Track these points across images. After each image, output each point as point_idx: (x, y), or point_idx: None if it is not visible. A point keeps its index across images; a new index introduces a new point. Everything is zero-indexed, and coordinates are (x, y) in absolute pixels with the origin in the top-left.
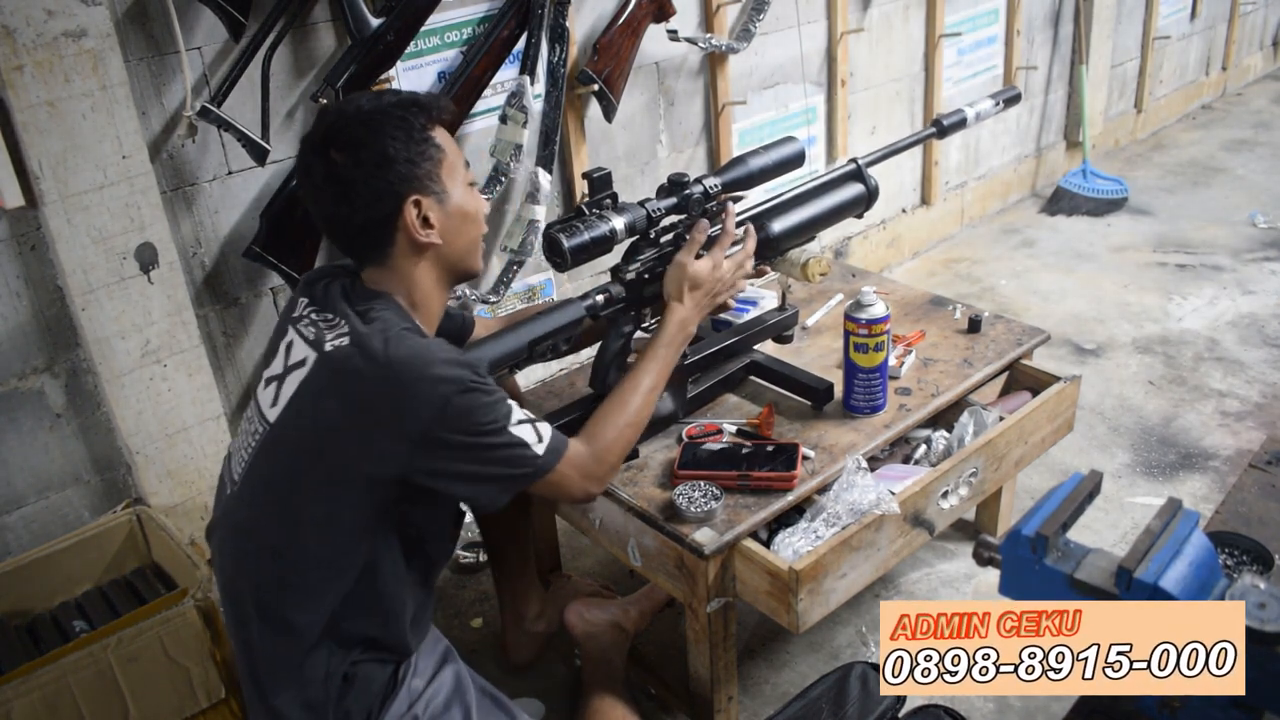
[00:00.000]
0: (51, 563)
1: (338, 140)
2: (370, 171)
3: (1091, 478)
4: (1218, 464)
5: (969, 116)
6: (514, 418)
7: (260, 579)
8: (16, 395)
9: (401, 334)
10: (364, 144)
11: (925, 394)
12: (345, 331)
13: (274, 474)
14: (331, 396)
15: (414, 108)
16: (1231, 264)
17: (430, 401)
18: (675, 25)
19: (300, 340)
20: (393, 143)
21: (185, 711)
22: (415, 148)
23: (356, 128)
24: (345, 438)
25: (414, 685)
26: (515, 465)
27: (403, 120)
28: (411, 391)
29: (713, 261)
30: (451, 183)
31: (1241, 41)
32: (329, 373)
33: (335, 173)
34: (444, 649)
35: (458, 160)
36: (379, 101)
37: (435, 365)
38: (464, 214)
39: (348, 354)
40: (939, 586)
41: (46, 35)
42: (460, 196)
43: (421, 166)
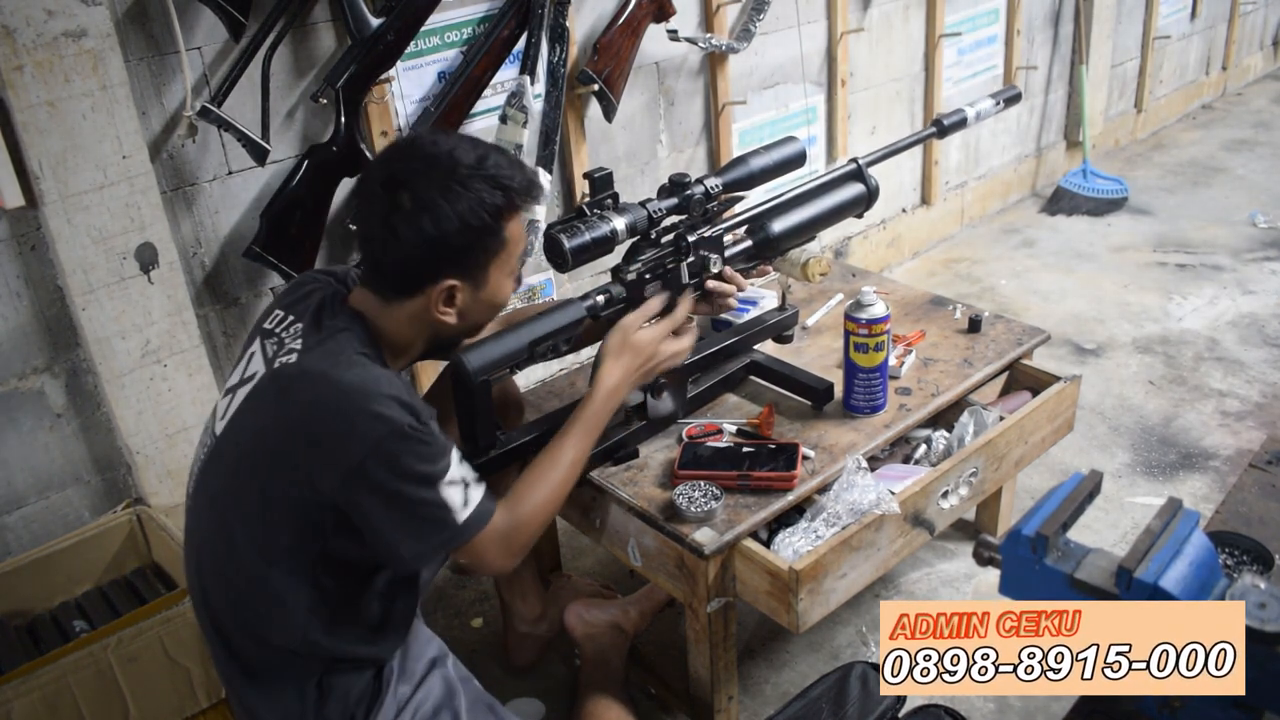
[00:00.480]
0: (51, 563)
1: (412, 186)
2: (424, 239)
3: (1091, 478)
4: (1218, 464)
5: (969, 116)
6: (448, 475)
7: (215, 596)
8: (16, 395)
9: (354, 360)
10: (433, 210)
11: (925, 394)
12: (297, 349)
13: (215, 490)
14: (269, 415)
15: (500, 189)
16: (1231, 264)
17: (363, 438)
18: (675, 25)
19: (259, 354)
20: (456, 222)
21: (185, 711)
22: (478, 237)
23: (437, 186)
24: (277, 459)
25: (400, 691)
26: (433, 527)
27: (480, 201)
28: (347, 423)
29: (656, 334)
30: (497, 272)
31: (1241, 41)
32: (273, 390)
33: (392, 216)
34: (434, 652)
35: (516, 252)
36: (473, 163)
37: (377, 401)
38: (491, 304)
39: (292, 375)
40: (939, 586)
41: (46, 35)
42: (498, 285)
43: (476, 256)
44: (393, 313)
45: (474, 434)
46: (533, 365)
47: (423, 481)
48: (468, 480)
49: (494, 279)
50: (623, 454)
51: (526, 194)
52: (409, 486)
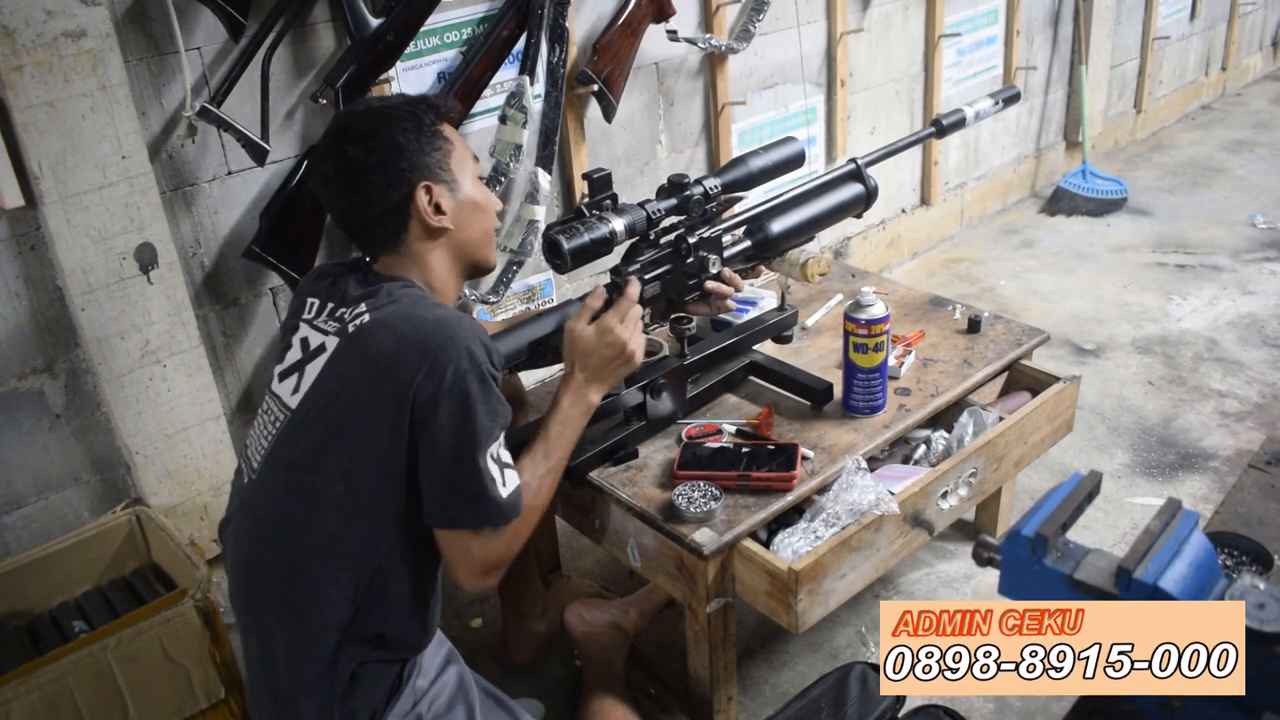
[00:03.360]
0: (51, 563)
1: (350, 134)
2: (382, 159)
3: (1091, 478)
4: (1217, 464)
5: (968, 116)
6: (493, 447)
7: (276, 568)
8: (16, 395)
9: (433, 304)
10: (375, 134)
11: (925, 394)
12: (365, 311)
13: (296, 455)
14: (354, 366)
15: (422, 105)
16: (1231, 264)
17: (448, 363)
18: (675, 25)
19: (316, 331)
20: (403, 133)
21: (185, 711)
22: (425, 139)
23: (368, 121)
24: (367, 408)
25: (418, 684)
26: (476, 498)
27: (412, 114)
28: (436, 349)
29: (600, 328)
30: (461, 173)
31: (1241, 42)
32: (356, 345)
33: (348, 164)
34: (447, 650)
35: (466, 155)
36: (388, 99)
37: (466, 333)
38: (474, 204)
39: (374, 327)
40: (939, 586)
41: (46, 35)
42: (470, 188)
43: (431, 156)
44: (412, 258)
45: None
46: (532, 367)
47: (474, 441)
48: (506, 463)
49: (461, 179)
50: (622, 454)
51: (443, 103)
52: (464, 444)
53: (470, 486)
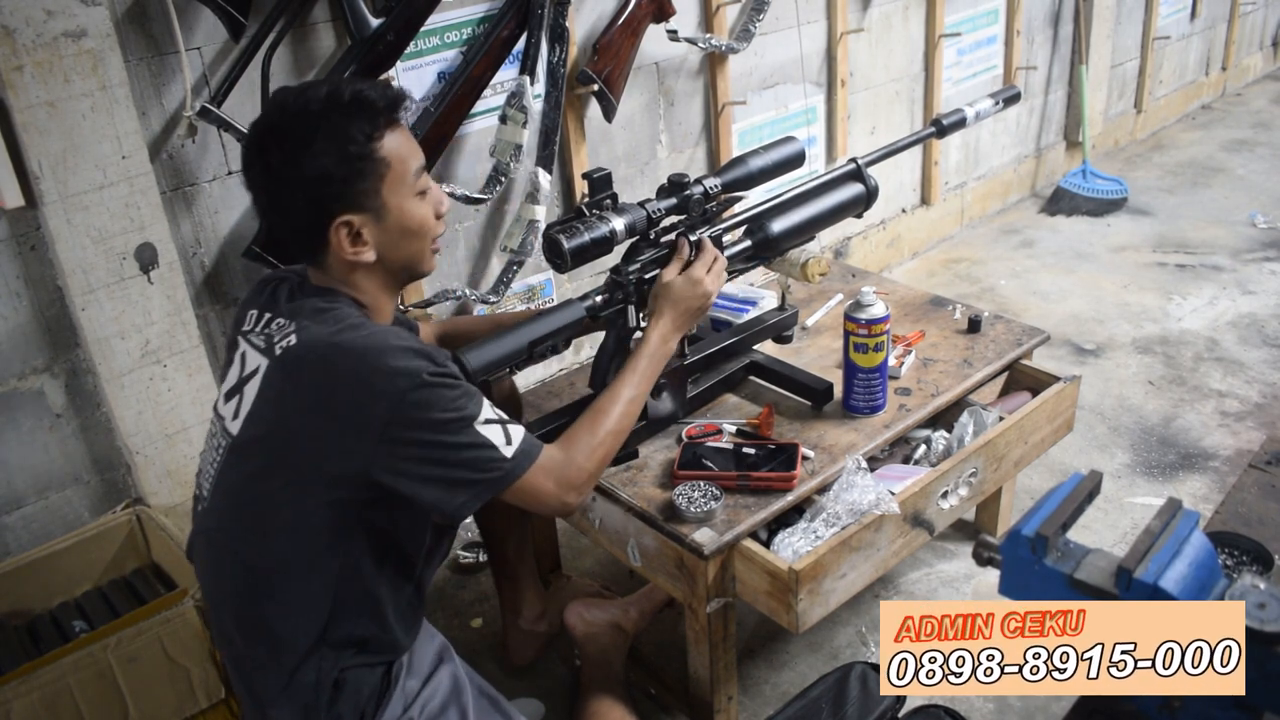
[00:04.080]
0: (51, 563)
1: (273, 140)
2: (299, 187)
3: (1091, 478)
4: (1218, 464)
5: (968, 116)
6: (481, 416)
7: (237, 592)
8: (16, 395)
9: (352, 325)
10: (296, 154)
11: (925, 394)
12: (293, 330)
13: (240, 484)
14: (289, 397)
15: (361, 113)
16: (1231, 264)
17: (385, 395)
18: (675, 25)
19: (252, 350)
20: (326, 158)
21: (185, 711)
22: (352, 165)
23: (294, 131)
24: (304, 437)
25: (409, 686)
26: (481, 468)
27: (343, 132)
28: (365, 385)
29: (691, 278)
30: (394, 196)
31: (1241, 41)
32: (282, 374)
33: (269, 173)
34: (439, 647)
35: (405, 170)
36: (326, 100)
37: (389, 355)
38: (404, 229)
39: (298, 353)
40: (939, 586)
41: (46, 35)
42: (402, 210)
43: (356, 185)
44: (336, 273)
45: None
46: (532, 365)
47: (457, 425)
48: (504, 419)
49: (393, 203)
50: (622, 454)
51: (388, 106)
52: (444, 434)
53: (467, 468)
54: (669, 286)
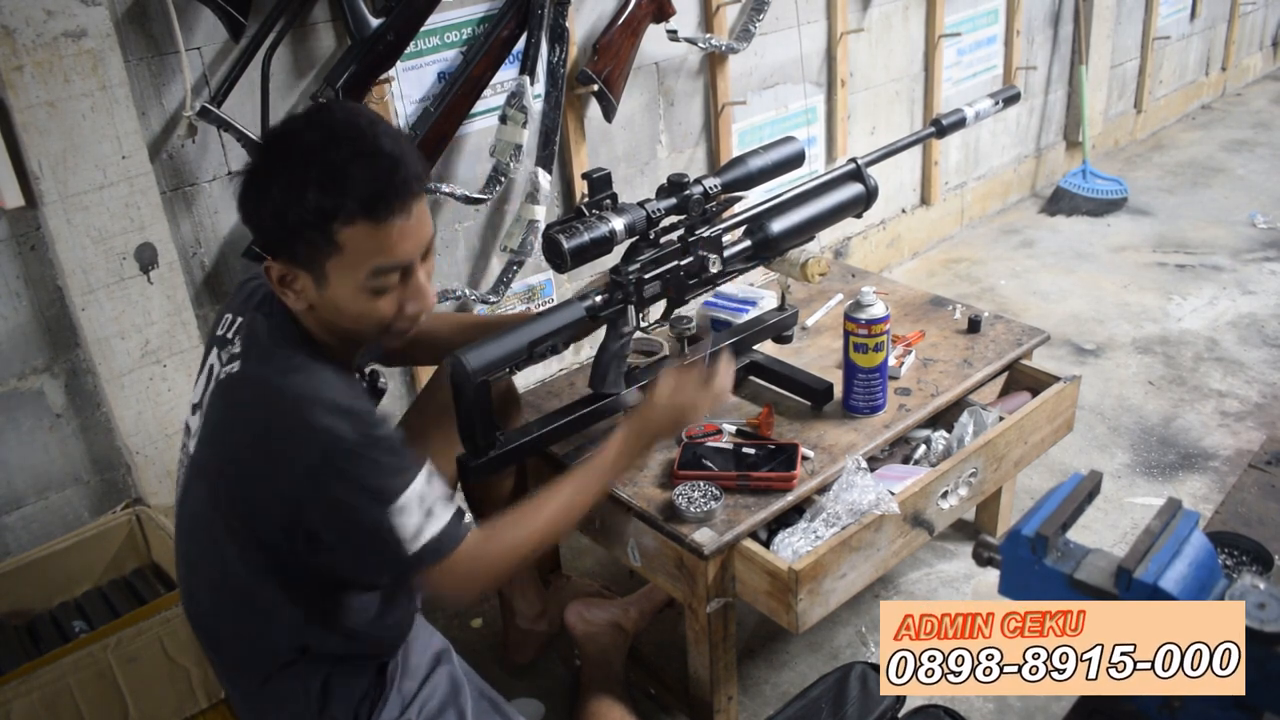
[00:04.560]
0: (51, 563)
1: (269, 149)
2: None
3: (1091, 478)
4: (1218, 464)
5: (968, 116)
6: (402, 498)
7: (210, 611)
8: (16, 395)
9: (292, 362)
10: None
11: (925, 394)
12: (237, 356)
13: (198, 510)
14: (224, 435)
15: (333, 195)
16: (1231, 264)
17: (309, 449)
18: (675, 25)
19: (216, 364)
20: (277, 208)
21: (185, 711)
22: (301, 232)
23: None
24: (240, 482)
25: (405, 688)
26: (382, 552)
27: (300, 198)
28: (292, 435)
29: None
30: (339, 277)
31: (1241, 42)
32: (222, 405)
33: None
34: (438, 647)
35: (359, 264)
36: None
37: (317, 410)
38: (341, 308)
39: (234, 387)
40: (939, 586)
41: (46, 35)
42: (345, 294)
43: (300, 249)
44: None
45: (473, 434)
46: (532, 365)
47: (372, 501)
48: (430, 502)
49: (336, 282)
50: None
51: (376, 201)
52: (354, 505)
53: (369, 548)
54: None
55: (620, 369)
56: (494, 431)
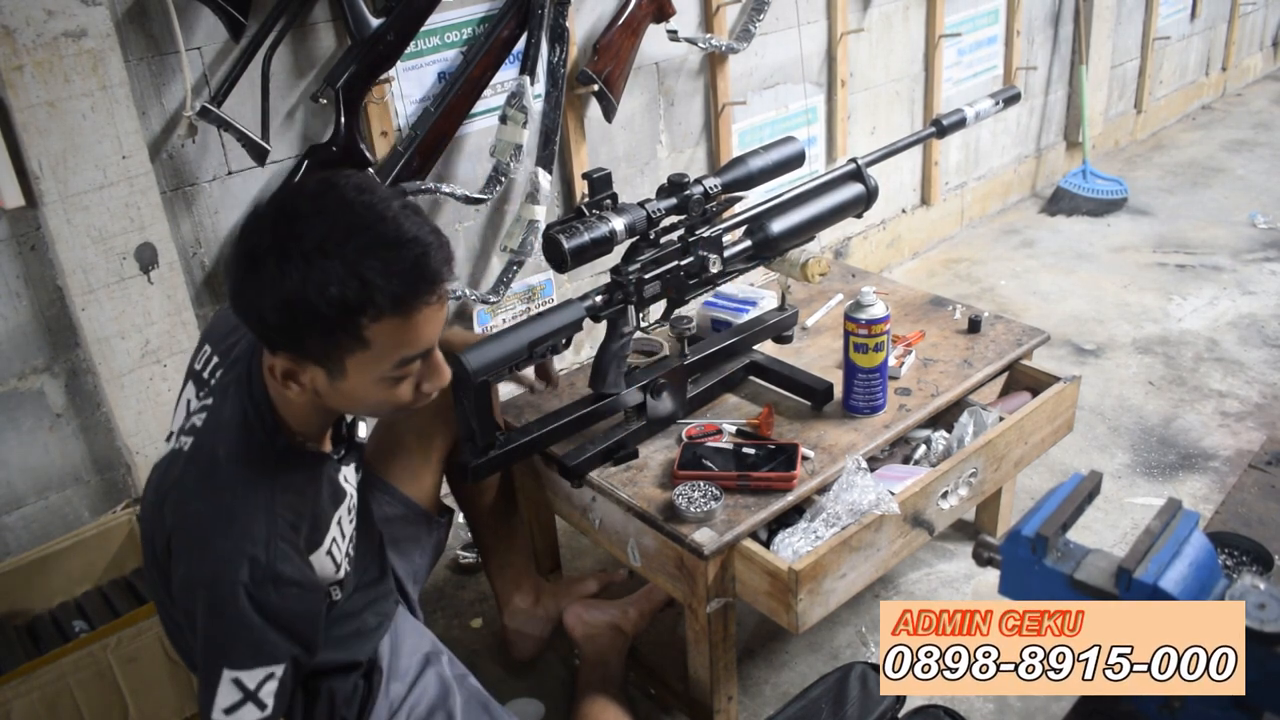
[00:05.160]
0: (51, 563)
1: (271, 232)
2: (256, 301)
3: (1091, 478)
4: (1218, 464)
5: (968, 116)
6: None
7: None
8: (16, 395)
9: (231, 480)
10: (272, 273)
11: (925, 394)
12: (197, 428)
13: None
14: (160, 517)
15: (360, 285)
16: (1231, 264)
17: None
18: (675, 25)
19: (184, 408)
20: (291, 302)
21: (185, 711)
22: (320, 332)
23: (290, 245)
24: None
25: (393, 691)
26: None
27: (321, 288)
28: (185, 547)
29: None
30: (359, 372)
31: (1241, 42)
32: (157, 479)
33: (242, 258)
34: (427, 648)
35: (386, 358)
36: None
37: (220, 539)
38: (357, 399)
39: (178, 473)
40: (939, 587)
41: (46, 35)
42: (364, 387)
43: (314, 343)
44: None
45: (473, 434)
46: (532, 365)
47: (212, 655)
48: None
49: (356, 377)
50: (622, 454)
51: (408, 296)
52: (204, 646)
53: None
54: None
55: (620, 369)
56: (494, 431)
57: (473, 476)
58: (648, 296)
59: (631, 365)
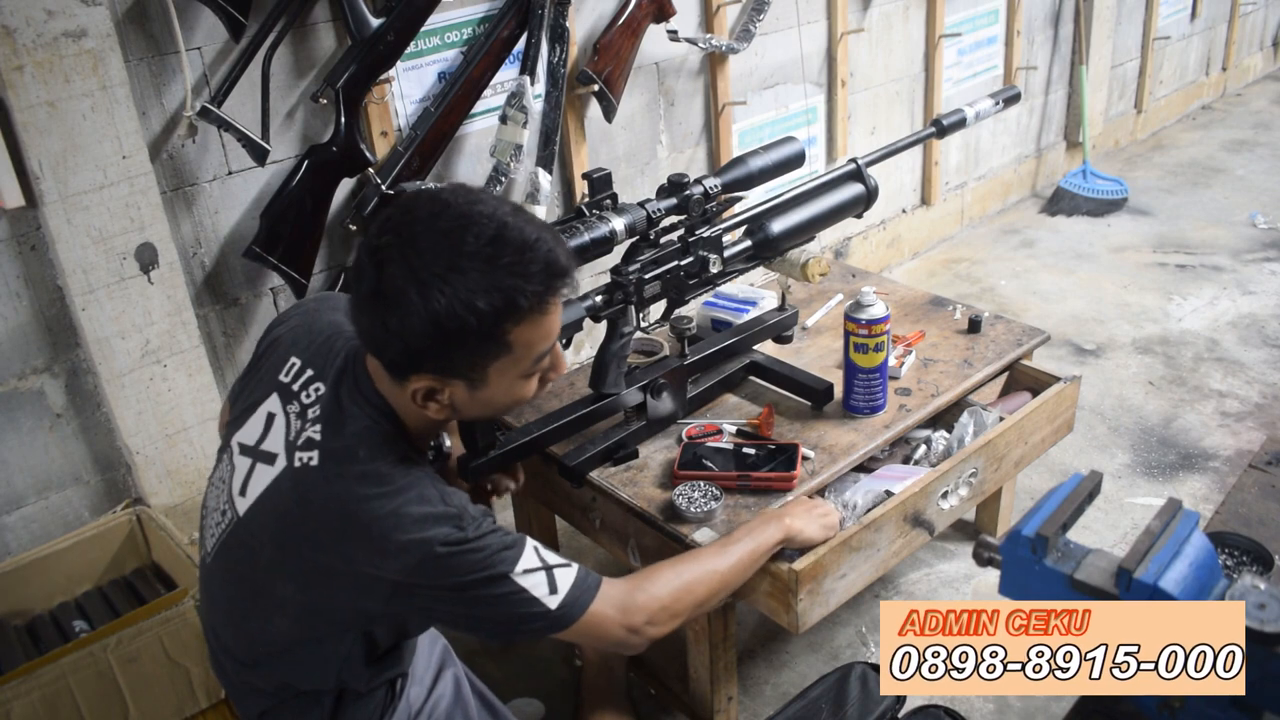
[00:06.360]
0: (51, 563)
1: (402, 260)
2: (390, 333)
3: (1091, 478)
4: (1218, 464)
5: (968, 116)
6: (519, 567)
7: (234, 649)
8: (16, 395)
9: (378, 473)
10: (403, 302)
11: (925, 394)
12: (317, 441)
13: (246, 572)
14: (297, 526)
15: (505, 292)
16: (1231, 264)
17: (402, 561)
18: (675, 25)
19: (282, 422)
20: (434, 326)
21: (185, 711)
22: (466, 342)
23: (419, 270)
24: (312, 569)
25: (412, 695)
26: (521, 619)
27: (470, 306)
28: (380, 549)
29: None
30: (500, 375)
31: (1241, 42)
32: (295, 498)
33: (369, 296)
34: (441, 651)
35: (528, 356)
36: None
37: (402, 529)
38: (492, 402)
39: (314, 485)
40: (939, 587)
41: (46, 35)
42: (503, 388)
43: (462, 359)
44: (398, 396)
45: (473, 434)
46: None
47: (485, 583)
48: (550, 564)
49: (497, 381)
50: (622, 454)
51: (545, 294)
52: (476, 587)
53: (504, 618)
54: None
55: (620, 369)
56: (494, 431)
57: (473, 476)
58: (648, 296)
59: (631, 365)
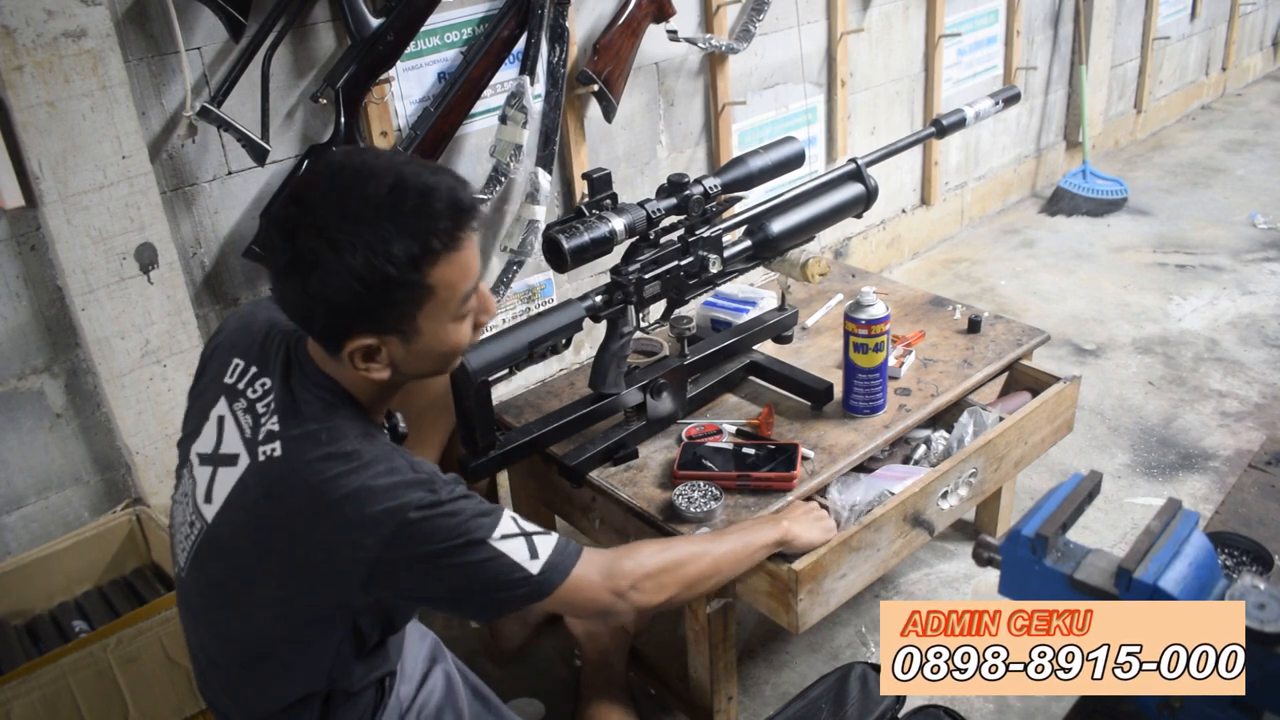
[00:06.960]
0: (51, 563)
1: (310, 226)
2: (314, 298)
3: (1091, 478)
4: (1218, 464)
5: (968, 116)
6: (499, 530)
7: (220, 660)
8: (16, 395)
9: (342, 455)
10: (320, 265)
11: (925, 394)
12: (277, 432)
13: (220, 578)
14: (265, 519)
15: (416, 237)
16: (1231, 264)
17: (376, 534)
18: (675, 25)
19: (233, 423)
20: (355, 280)
21: (185, 711)
22: (389, 291)
23: (328, 231)
24: (287, 562)
25: (402, 692)
26: (502, 586)
27: (386, 249)
28: (354, 524)
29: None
30: (431, 322)
31: (1241, 42)
32: (263, 491)
33: (285, 269)
34: (431, 646)
35: (452, 296)
36: (383, 195)
37: (373, 501)
38: (430, 353)
39: (281, 474)
40: (939, 587)
41: (46, 35)
42: (436, 336)
43: (389, 311)
44: (341, 369)
45: (473, 434)
46: (532, 365)
47: (463, 549)
48: (530, 531)
49: (429, 329)
50: (622, 454)
51: (455, 229)
52: (447, 560)
53: (484, 585)
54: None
55: (620, 369)
56: (494, 431)
57: (473, 476)
58: (648, 296)
59: (631, 365)
